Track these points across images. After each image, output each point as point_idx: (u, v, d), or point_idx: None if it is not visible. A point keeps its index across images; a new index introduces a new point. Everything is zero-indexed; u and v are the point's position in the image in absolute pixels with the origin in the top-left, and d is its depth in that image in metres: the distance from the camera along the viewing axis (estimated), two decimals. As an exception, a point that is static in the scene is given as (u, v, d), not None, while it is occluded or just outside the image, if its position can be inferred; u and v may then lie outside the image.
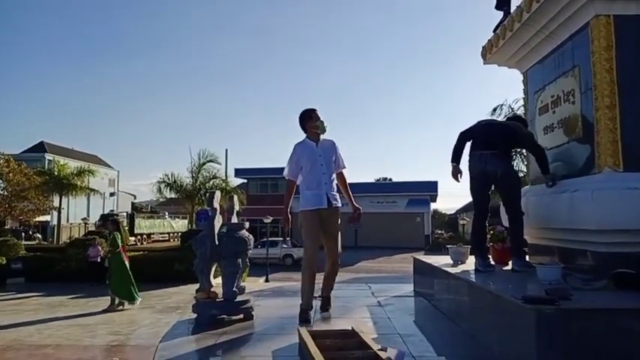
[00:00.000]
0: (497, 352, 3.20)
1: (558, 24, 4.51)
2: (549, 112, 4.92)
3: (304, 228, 4.42)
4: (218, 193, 4.72)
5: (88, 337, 7.12)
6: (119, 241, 9.83)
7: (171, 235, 48.08)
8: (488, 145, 4.44)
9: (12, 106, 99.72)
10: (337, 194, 4.57)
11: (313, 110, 4.56)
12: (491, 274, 4.19)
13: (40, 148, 46.67)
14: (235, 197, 5.00)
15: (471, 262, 4.91)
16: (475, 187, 4.54)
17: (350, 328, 3.66)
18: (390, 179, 60.57)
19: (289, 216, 4.53)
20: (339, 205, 4.59)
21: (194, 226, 27.35)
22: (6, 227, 24.38)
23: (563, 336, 2.62)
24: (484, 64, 6.19)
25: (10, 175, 23.35)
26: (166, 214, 53.74)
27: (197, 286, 11.71)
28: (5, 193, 23.73)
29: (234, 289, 4.42)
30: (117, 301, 9.47)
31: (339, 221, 4.60)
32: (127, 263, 9.68)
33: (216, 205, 4.46)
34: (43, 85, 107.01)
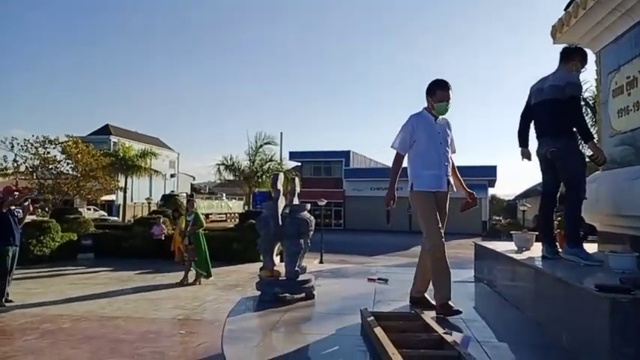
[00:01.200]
0: (566, 340, 3.12)
1: (636, 1, 4.25)
2: (624, 94, 4.67)
3: (423, 212, 4.00)
4: (281, 175, 4.82)
5: (155, 310, 7.54)
6: (201, 220, 10.38)
7: (228, 215, 49.40)
8: (541, 124, 4.27)
9: (79, 91, 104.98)
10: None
11: (445, 85, 3.98)
12: (558, 261, 4.07)
13: (106, 130, 48.97)
14: (296, 179, 5.08)
15: (535, 249, 4.79)
16: (541, 170, 4.40)
17: (413, 312, 3.67)
18: (447, 164, 59.28)
19: (395, 194, 4.06)
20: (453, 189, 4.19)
21: (251, 207, 28.01)
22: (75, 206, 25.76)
23: (637, 325, 2.53)
24: (554, 43, 5.92)
25: (79, 156, 24.56)
26: (223, 195, 55.21)
27: (254, 265, 12.15)
28: (75, 173, 25.02)
29: (296, 268, 4.52)
30: (194, 276, 9.98)
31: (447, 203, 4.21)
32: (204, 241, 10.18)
33: (279, 186, 4.55)
34: (108, 72, 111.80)
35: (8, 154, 23.75)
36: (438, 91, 3.97)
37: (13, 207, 7.95)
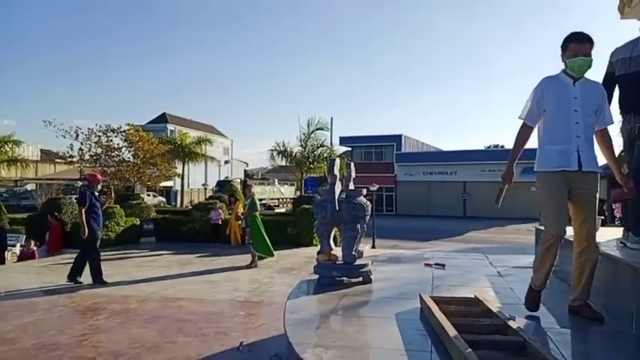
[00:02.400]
0: (636, 328, 3.02)
1: None
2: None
3: (543, 195, 3.33)
4: (338, 161, 4.86)
5: (215, 292, 7.82)
6: (257, 204, 10.69)
7: (281, 200, 50.14)
8: (630, 98, 3.94)
9: (138, 82, 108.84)
10: (593, 154, 3.31)
11: (581, 38, 3.25)
12: (624, 247, 3.91)
13: (163, 119, 50.60)
14: (352, 165, 5.11)
15: (602, 234, 4.61)
16: (624, 149, 4.16)
17: (473, 296, 3.64)
18: (502, 146, 57.59)
19: (514, 171, 3.53)
20: (596, 169, 3.29)
21: (303, 192, 28.32)
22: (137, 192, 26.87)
23: None
24: (621, 18, 5.60)
25: (139, 143, 25.56)
26: (275, 180, 56.02)
27: (308, 249, 12.30)
28: (135, 160, 26.06)
29: (353, 252, 4.57)
30: (257, 258, 10.29)
31: (597, 190, 3.32)
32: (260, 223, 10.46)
33: (336, 171, 4.59)
34: (166, 63, 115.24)
35: (74, 143, 24.99)
36: (572, 44, 3.25)
37: (98, 194, 8.66)
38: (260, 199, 45.44)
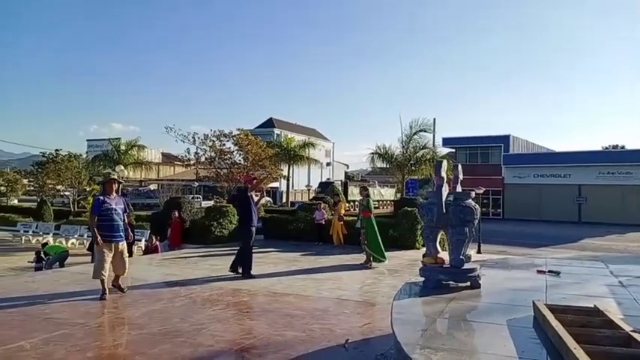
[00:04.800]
0: None
1: None
2: None
3: None
4: (445, 162, 4.81)
5: (320, 290, 8.04)
6: (372, 206, 10.92)
7: (381, 202, 50.00)
8: None
9: (246, 89, 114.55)
10: None
11: None
12: None
13: (270, 123, 52.86)
14: (459, 166, 5.02)
15: None
16: None
17: (592, 306, 3.43)
18: (623, 147, 52.57)
19: None
20: None
21: (404, 194, 28.03)
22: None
23: None
24: None
25: (249, 147, 26.97)
26: (376, 182, 56.01)
27: (410, 252, 12.19)
28: (245, 163, 27.52)
29: (461, 256, 4.50)
30: (371, 258, 10.48)
31: None
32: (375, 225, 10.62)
33: (443, 174, 4.55)
34: (270, 73, 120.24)
35: (191, 147, 26.99)
36: None
37: (251, 193, 9.42)
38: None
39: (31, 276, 11.75)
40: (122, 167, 24.75)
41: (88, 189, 25.38)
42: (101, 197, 7.47)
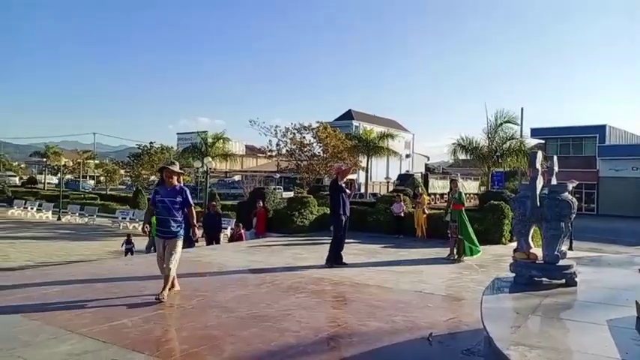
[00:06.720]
0: None
1: None
2: None
3: None
4: (540, 154, 4.59)
5: (402, 282, 8.00)
6: (464, 199, 10.77)
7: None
8: None
9: (326, 82, 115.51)
10: None
11: None
12: None
13: (348, 115, 52.99)
14: (555, 158, 4.77)
15: None
16: None
17: None
18: None
19: None
20: None
21: (489, 187, 27.02)
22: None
23: None
24: None
25: (327, 139, 27.26)
26: (458, 175, 54.43)
27: (496, 247, 11.77)
28: (324, 155, 27.85)
29: (555, 252, 4.29)
30: (464, 252, 10.33)
31: None
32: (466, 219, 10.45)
33: (537, 165, 4.36)
34: (349, 63, 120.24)
35: (273, 140, 27.76)
36: None
37: (341, 183, 9.64)
38: (442, 194, 44.76)
39: (130, 259, 12.71)
40: (210, 159, 25.91)
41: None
42: (157, 188, 6.91)
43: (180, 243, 6.46)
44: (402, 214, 14.86)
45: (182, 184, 6.59)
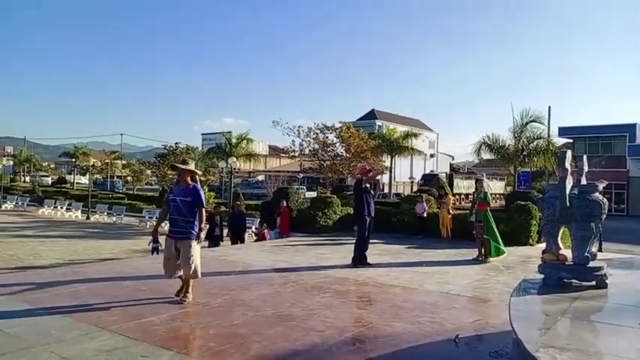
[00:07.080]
0: None
1: None
2: None
3: None
4: (569, 153, 4.50)
5: (427, 283, 7.93)
6: (489, 199, 10.67)
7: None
8: None
9: (350, 81, 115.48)
10: None
11: None
12: None
13: (371, 115, 52.82)
14: (584, 157, 4.67)
15: None
16: None
17: None
18: None
19: None
20: None
21: (515, 187, 26.60)
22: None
23: None
24: None
25: (350, 139, 27.21)
26: (483, 175, 53.71)
27: (523, 248, 11.59)
28: (347, 155, 27.81)
29: (586, 254, 4.21)
30: (491, 252, 10.22)
31: None
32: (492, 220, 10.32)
33: (567, 165, 4.27)
34: (372, 63, 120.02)
35: (296, 140, 27.86)
36: None
37: (366, 184, 9.72)
38: (467, 194, 44.22)
39: (156, 258, 12.91)
40: (234, 159, 26.15)
41: (202, 179, 27.23)
42: (172, 186, 6.68)
43: (193, 244, 6.12)
44: (425, 215, 14.75)
45: (197, 184, 6.26)
